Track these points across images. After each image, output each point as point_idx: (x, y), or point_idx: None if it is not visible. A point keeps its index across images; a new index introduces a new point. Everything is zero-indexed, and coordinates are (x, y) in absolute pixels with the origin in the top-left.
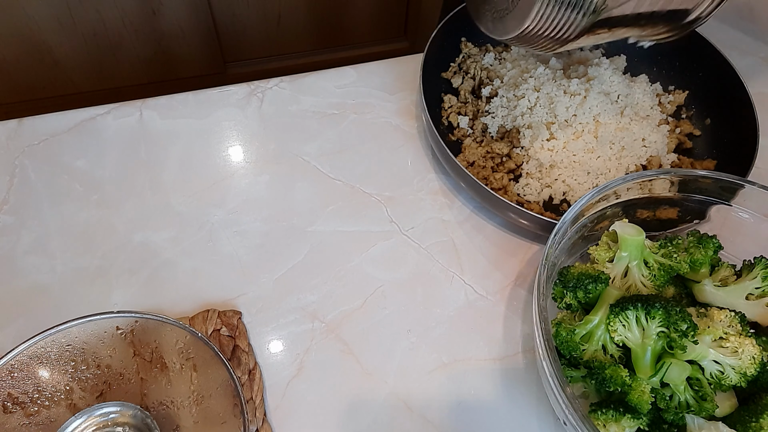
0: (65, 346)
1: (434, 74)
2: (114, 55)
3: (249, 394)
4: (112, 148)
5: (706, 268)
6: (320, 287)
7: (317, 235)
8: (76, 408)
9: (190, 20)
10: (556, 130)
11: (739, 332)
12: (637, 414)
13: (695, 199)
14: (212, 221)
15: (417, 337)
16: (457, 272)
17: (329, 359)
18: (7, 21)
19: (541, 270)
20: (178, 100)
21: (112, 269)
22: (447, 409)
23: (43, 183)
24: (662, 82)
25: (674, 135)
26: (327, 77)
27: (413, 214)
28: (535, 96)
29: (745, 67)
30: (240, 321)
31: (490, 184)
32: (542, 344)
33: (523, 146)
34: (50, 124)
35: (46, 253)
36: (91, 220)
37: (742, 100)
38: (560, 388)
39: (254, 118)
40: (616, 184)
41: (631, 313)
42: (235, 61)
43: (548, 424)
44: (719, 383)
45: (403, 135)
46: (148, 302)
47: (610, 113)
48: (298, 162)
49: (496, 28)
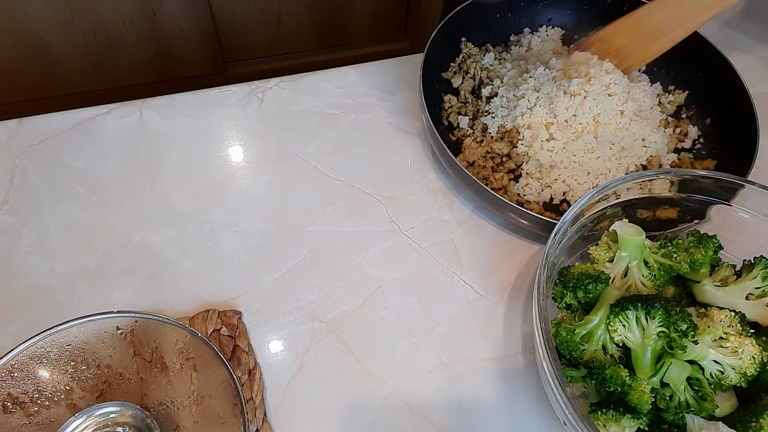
0: (65, 346)
1: (434, 74)
2: (114, 55)
3: (249, 394)
4: (112, 148)
5: (706, 268)
6: (320, 287)
7: (317, 235)
8: (76, 408)
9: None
10: (555, 131)
11: (739, 332)
12: (637, 414)
13: (695, 199)
14: (212, 221)
15: (417, 337)
16: (457, 272)
17: (329, 359)
18: (7, 21)
19: (541, 270)
20: (178, 100)
21: (112, 269)
22: (447, 409)
23: (43, 183)
24: (662, 82)
25: (674, 135)
26: (327, 77)
27: (413, 214)
28: (535, 96)
29: (745, 67)
30: (240, 321)
31: (490, 184)
32: (542, 344)
33: (524, 146)
34: (50, 124)
35: (46, 253)
36: (91, 220)
37: (742, 100)
38: (560, 388)
39: (254, 118)
40: (616, 184)
41: (631, 313)
42: (235, 61)
43: (548, 424)
44: (719, 383)
45: (403, 135)
46: (148, 302)
47: (610, 113)
48: (298, 162)
49: None
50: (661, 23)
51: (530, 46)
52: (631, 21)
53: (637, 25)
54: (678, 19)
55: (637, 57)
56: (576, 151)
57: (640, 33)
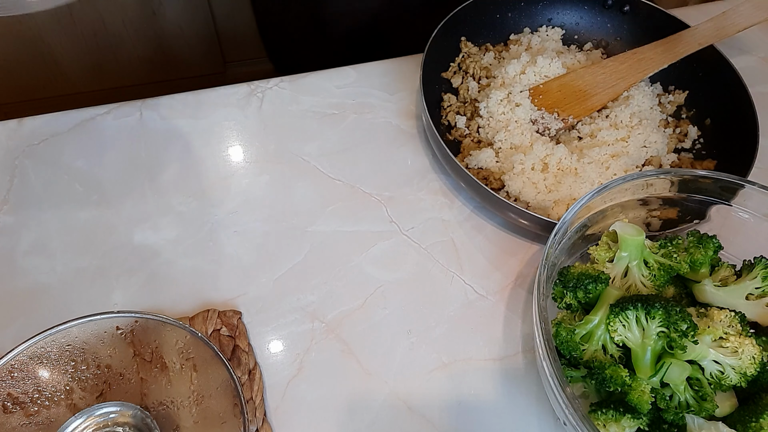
0: (65, 346)
1: (434, 74)
2: (114, 55)
3: (249, 394)
4: (112, 148)
5: (706, 268)
6: (320, 287)
7: (317, 235)
8: (76, 408)
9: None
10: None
11: (739, 332)
12: (637, 414)
13: (695, 199)
14: (212, 221)
15: (417, 337)
16: (457, 272)
17: (329, 359)
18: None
19: (541, 270)
20: (178, 100)
21: (112, 269)
22: (447, 409)
23: (43, 183)
24: (662, 82)
25: (674, 135)
26: (327, 77)
27: (413, 214)
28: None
29: (745, 67)
30: (240, 321)
31: (490, 184)
32: (542, 344)
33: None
34: (50, 124)
35: (46, 253)
36: (91, 220)
37: (742, 100)
38: (560, 388)
39: (254, 118)
40: (616, 184)
41: (631, 313)
42: (235, 61)
43: (548, 424)
44: (719, 383)
45: (403, 135)
46: (148, 302)
47: (610, 113)
48: (298, 162)
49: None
50: (588, 86)
51: (530, 46)
52: (561, 82)
53: (568, 86)
54: (605, 82)
55: (574, 111)
56: (576, 150)
57: (571, 92)
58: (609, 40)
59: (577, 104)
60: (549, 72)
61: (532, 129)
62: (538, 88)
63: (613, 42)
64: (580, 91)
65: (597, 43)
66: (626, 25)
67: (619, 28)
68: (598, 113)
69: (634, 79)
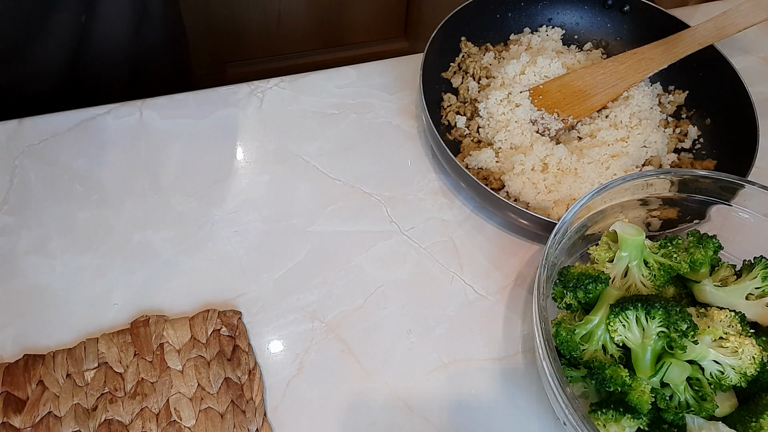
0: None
1: (434, 74)
2: None
3: (249, 394)
4: (112, 148)
5: (706, 268)
6: (320, 287)
7: (317, 235)
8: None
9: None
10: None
11: (739, 332)
12: (637, 414)
13: (695, 199)
14: (212, 221)
15: (417, 337)
16: (457, 272)
17: (329, 359)
18: None
19: (541, 270)
20: (178, 100)
21: (112, 269)
22: (447, 409)
23: (43, 183)
24: (662, 82)
25: (674, 135)
26: (327, 77)
27: (413, 214)
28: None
29: (745, 67)
30: (240, 321)
31: (490, 184)
32: (542, 344)
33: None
34: (50, 124)
35: (46, 253)
36: (91, 220)
37: (742, 100)
38: (560, 388)
39: (254, 118)
40: (616, 184)
41: (631, 313)
42: (235, 61)
43: (548, 424)
44: (719, 383)
45: (403, 135)
46: (148, 302)
47: (610, 113)
48: (298, 162)
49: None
50: (588, 87)
51: (530, 46)
52: (561, 83)
53: (568, 87)
54: (604, 83)
55: (574, 111)
56: (576, 150)
57: (571, 93)
58: (609, 40)
59: (577, 104)
60: (549, 72)
61: (532, 129)
62: (538, 88)
63: (613, 42)
64: (580, 92)
65: (597, 43)
66: (626, 25)
67: (619, 28)
68: (598, 113)
69: (634, 79)
